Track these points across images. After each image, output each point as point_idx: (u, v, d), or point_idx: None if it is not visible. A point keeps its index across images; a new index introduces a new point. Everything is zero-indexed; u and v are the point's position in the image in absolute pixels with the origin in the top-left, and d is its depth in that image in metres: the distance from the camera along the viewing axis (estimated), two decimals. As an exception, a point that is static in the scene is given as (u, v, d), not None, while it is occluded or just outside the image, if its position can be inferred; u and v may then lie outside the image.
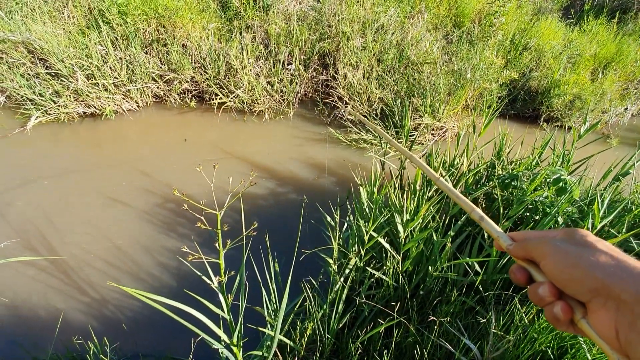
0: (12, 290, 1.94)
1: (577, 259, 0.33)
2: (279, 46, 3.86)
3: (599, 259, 0.32)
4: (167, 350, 1.77)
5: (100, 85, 3.39)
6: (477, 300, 1.65)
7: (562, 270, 0.34)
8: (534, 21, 5.13)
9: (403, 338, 1.46)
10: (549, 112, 4.38)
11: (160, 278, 2.11)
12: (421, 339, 1.43)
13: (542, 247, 0.36)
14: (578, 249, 0.34)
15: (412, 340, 1.41)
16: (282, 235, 2.36)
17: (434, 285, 1.63)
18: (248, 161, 3.12)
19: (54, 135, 3.18)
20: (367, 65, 3.83)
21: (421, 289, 1.65)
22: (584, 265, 0.32)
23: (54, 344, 1.68)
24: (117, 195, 2.61)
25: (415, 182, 1.64)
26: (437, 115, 3.60)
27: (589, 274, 0.32)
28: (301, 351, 1.48)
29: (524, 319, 1.36)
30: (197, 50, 3.71)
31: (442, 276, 1.61)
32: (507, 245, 0.42)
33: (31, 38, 3.39)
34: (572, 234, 0.37)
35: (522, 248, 0.39)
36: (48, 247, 2.20)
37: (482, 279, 1.63)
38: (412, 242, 1.58)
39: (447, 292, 1.63)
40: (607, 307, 0.31)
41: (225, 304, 1.24)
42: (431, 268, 1.64)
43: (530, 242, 0.39)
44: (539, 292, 0.36)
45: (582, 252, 0.34)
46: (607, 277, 0.31)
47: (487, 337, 1.52)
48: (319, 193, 2.85)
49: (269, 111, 3.75)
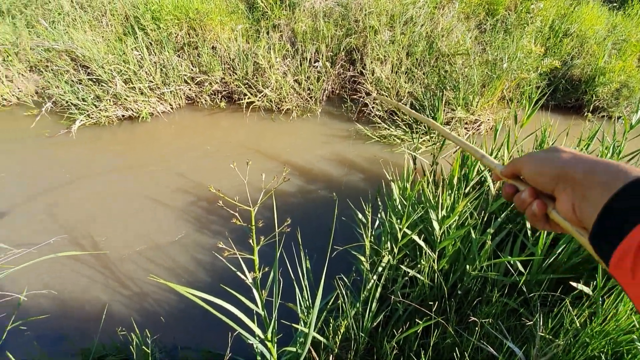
0: (60, 283, 2.07)
1: (545, 158, 0.41)
2: (305, 44, 3.85)
3: (561, 155, 0.39)
4: (203, 344, 1.82)
5: (137, 89, 3.55)
6: (521, 302, 1.56)
7: (534, 168, 0.41)
8: (574, 6, 4.80)
9: (440, 339, 1.40)
10: (593, 102, 4.07)
11: (196, 274, 2.17)
12: (460, 340, 1.37)
13: (522, 159, 0.44)
14: (547, 152, 0.42)
15: (451, 341, 1.35)
16: (312, 233, 2.35)
17: (472, 285, 1.56)
18: (277, 159, 3.14)
19: (95, 137, 3.36)
20: (396, 59, 3.74)
21: (459, 289, 1.58)
22: (549, 161, 0.40)
23: (99, 334, 1.77)
24: (153, 194, 2.72)
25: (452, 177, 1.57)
26: (470, 108, 3.45)
27: (552, 166, 0.39)
28: (335, 349, 1.46)
29: (576, 322, 1.26)
30: (226, 51, 3.78)
31: (482, 275, 1.54)
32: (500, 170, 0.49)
33: (73, 46, 3.60)
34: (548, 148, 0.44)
35: (509, 166, 0.47)
36: (92, 243, 2.32)
37: (525, 279, 1.53)
38: (449, 240, 1.52)
39: (487, 292, 1.55)
40: (566, 191, 0.37)
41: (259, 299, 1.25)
42: (469, 267, 1.57)
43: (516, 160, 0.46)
44: (521, 197, 0.43)
45: (549, 153, 0.41)
46: (565, 165, 0.38)
47: (532, 340, 1.43)
48: (348, 190, 2.81)
49: (296, 109, 3.76)
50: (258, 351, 1.41)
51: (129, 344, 1.68)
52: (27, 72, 3.81)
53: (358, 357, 1.48)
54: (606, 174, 0.33)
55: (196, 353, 1.79)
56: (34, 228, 2.42)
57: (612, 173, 0.33)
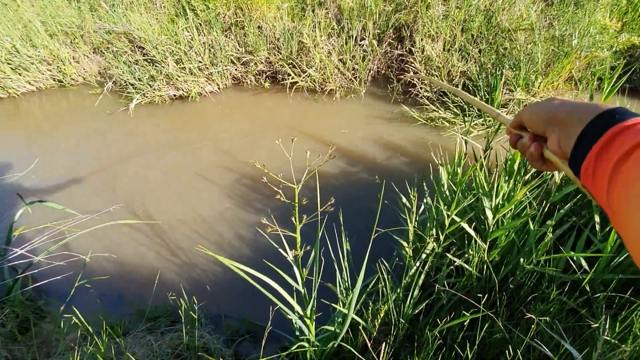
0: (119, 248, 2.26)
1: (540, 105, 0.45)
2: (351, 21, 3.71)
3: (553, 102, 0.44)
4: (245, 314, 1.89)
5: (187, 69, 3.67)
6: (582, 302, 1.42)
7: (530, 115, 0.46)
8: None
9: (487, 333, 1.32)
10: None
11: (239, 248, 2.25)
12: (510, 337, 1.28)
13: (524, 109, 0.49)
14: (543, 102, 0.46)
15: (500, 336, 1.27)
16: (352, 214, 2.32)
17: (526, 280, 1.44)
18: (319, 140, 3.12)
19: (150, 115, 3.56)
20: (449, 36, 3.49)
21: (510, 282, 1.47)
22: (542, 107, 0.45)
23: (152, 298, 1.91)
24: (201, 170, 2.84)
25: (513, 162, 1.43)
26: (531, 89, 3.14)
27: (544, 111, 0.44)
28: (373, 332, 1.44)
29: (649, 329, 1.12)
30: (272, 30, 3.76)
31: (538, 270, 1.41)
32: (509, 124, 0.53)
33: (131, 28, 3.79)
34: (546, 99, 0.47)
35: (515, 118, 0.51)
36: (147, 213, 2.49)
37: (590, 278, 1.39)
38: (502, 230, 1.41)
39: (543, 288, 1.43)
40: (554, 130, 0.42)
41: (300, 277, 1.25)
42: (523, 260, 1.45)
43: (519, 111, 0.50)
44: (522, 141, 0.48)
45: (544, 102, 0.45)
46: (554, 109, 0.43)
47: (592, 344, 1.30)
48: (391, 173, 2.73)
49: (340, 90, 3.68)
50: (297, 327, 1.43)
51: (177, 308, 1.80)
52: (91, 53, 4.10)
53: (397, 342, 1.45)
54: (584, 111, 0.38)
55: (238, 322, 1.88)
56: (96, 196, 2.64)
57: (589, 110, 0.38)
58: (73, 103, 3.81)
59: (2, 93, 3.79)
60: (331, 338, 1.42)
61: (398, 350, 1.49)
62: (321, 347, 1.41)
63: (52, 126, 3.48)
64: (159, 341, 1.60)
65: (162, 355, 1.54)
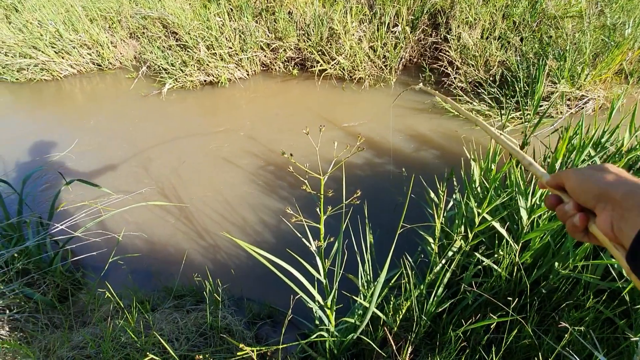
0: (149, 227, 2.36)
1: (589, 175, 0.41)
2: (385, 6, 3.59)
3: (605, 175, 0.40)
4: (266, 298, 1.93)
5: (218, 54, 3.71)
6: (620, 313, 1.33)
7: (578, 184, 0.42)
8: None
9: (515, 338, 1.27)
10: None
11: (263, 234, 2.28)
12: (539, 343, 1.23)
13: (567, 172, 0.45)
14: (593, 170, 0.42)
15: (528, 342, 1.22)
16: (377, 207, 2.29)
17: (560, 285, 1.37)
18: (346, 130, 3.07)
19: (181, 99, 3.64)
20: (488, 23, 3.29)
21: (542, 287, 1.40)
22: (593, 179, 0.40)
23: (180, 276, 1.99)
24: (229, 156, 2.89)
25: (555, 161, 1.34)
26: (577, 81, 2.93)
27: (595, 184, 0.40)
28: (394, 327, 1.43)
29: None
30: (302, 16, 3.71)
31: (574, 276, 1.33)
32: (546, 180, 0.50)
33: (165, 13, 3.86)
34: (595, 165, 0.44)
35: (554, 178, 0.48)
36: (176, 195, 2.58)
37: (631, 288, 1.29)
38: (537, 232, 1.33)
39: (577, 295, 1.35)
40: (607, 209, 0.38)
41: (322, 267, 1.25)
42: (558, 264, 1.37)
43: (562, 172, 0.47)
44: (564, 208, 0.45)
45: (595, 171, 0.42)
46: (608, 186, 0.38)
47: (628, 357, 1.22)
48: (419, 166, 2.65)
49: (369, 78, 3.59)
50: (317, 316, 1.44)
51: (203, 288, 1.86)
52: (127, 38, 4.22)
53: (418, 339, 1.43)
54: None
55: (259, 306, 1.92)
56: (129, 177, 2.76)
57: None
58: (110, 86, 3.96)
59: (47, 75, 4.00)
60: (350, 330, 1.42)
61: (419, 347, 1.47)
62: (340, 338, 1.42)
63: (91, 108, 3.65)
64: (184, 319, 1.67)
65: (187, 333, 1.60)
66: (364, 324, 1.32)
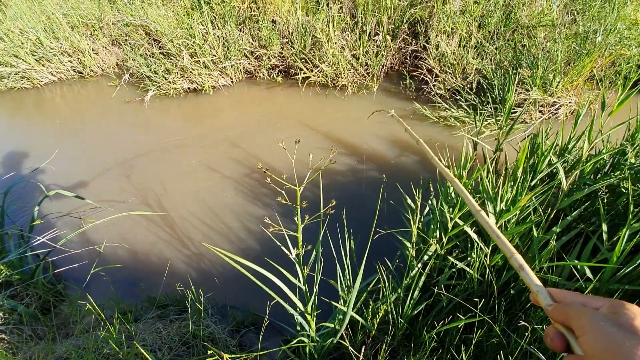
0: (132, 237, 2.35)
1: (618, 345, 0.31)
2: (366, 16, 3.67)
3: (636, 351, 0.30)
4: (251, 306, 1.95)
5: (201, 62, 3.73)
6: (584, 310, 1.41)
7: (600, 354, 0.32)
8: None
9: (485, 337, 1.34)
10: None
11: (246, 241, 2.31)
12: (507, 342, 1.29)
13: (583, 320, 0.35)
14: (621, 333, 0.32)
15: (497, 341, 1.28)
16: (359, 213, 2.34)
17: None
18: (329, 136, 3.13)
19: (164, 107, 3.64)
20: (465, 32, 3.41)
21: (511, 288, 1.47)
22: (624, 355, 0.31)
23: (163, 286, 2.00)
24: (213, 164, 2.90)
25: (517, 168, 1.42)
26: (549, 88, 3.06)
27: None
28: (372, 330, 1.48)
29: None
30: (286, 25, 3.77)
31: (540, 277, 1.41)
32: (547, 305, 0.40)
33: (148, 21, 3.86)
34: (618, 311, 0.34)
35: (562, 313, 0.38)
36: (159, 205, 2.58)
37: (593, 287, 1.37)
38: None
39: (544, 295, 1.42)
40: None
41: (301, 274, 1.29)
42: (526, 266, 1.44)
43: (572, 309, 0.37)
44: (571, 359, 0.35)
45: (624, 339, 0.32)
46: None
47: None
48: (400, 172, 2.72)
49: (352, 85, 3.67)
50: (298, 322, 1.48)
51: (186, 298, 1.87)
52: (109, 45, 4.20)
53: (395, 341, 1.48)
54: None
55: (243, 313, 1.94)
56: (112, 186, 2.74)
57: None
58: (92, 94, 3.93)
59: (28, 84, 3.94)
60: (331, 334, 1.46)
61: (397, 349, 1.52)
62: (320, 343, 1.45)
63: (72, 117, 3.61)
64: (167, 329, 1.68)
65: (170, 343, 1.62)
66: (342, 328, 1.36)
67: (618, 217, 1.60)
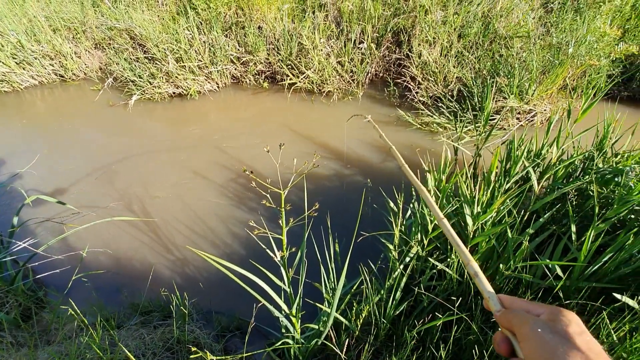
0: (115, 243, 2.32)
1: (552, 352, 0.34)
2: (351, 24, 3.76)
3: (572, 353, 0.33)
4: (236, 311, 1.96)
5: (187, 67, 3.73)
6: (555, 307, 1.48)
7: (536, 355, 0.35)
8: (669, -21, 4.12)
9: (463, 334, 1.39)
10: (678, 94, 3.57)
11: (232, 246, 2.31)
12: (484, 338, 1.35)
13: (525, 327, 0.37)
14: (556, 339, 0.35)
15: (474, 338, 1.34)
16: (344, 217, 2.38)
17: (504, 285, 1.50)
18: (314, 142, 3.17)
19: (149, 111, 3.61)
20: (446, 42, 3.53)
21: (488, 287, 1.53)
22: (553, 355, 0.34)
23: (146, 292, 1.98)
24: (198, 168, 2.90)
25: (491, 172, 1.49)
26: (525, 96, 3.19)
27: None
28: (356, 331, 1.51)
29: (613, 335, 1.18)
30: (272, 31, 3.81)
31: (515, 276, 1.48)
32: (496, 311, 0.43)
33: (132, 25, 3.84)
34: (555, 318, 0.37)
35: (507, 319, 0.40)
36: (143, 210, 2.55)
37: (563, 285, 1.45)
38: (482, 237, 1.47)
39: (519, 294, 1.49)
40: None
41: (286, 277, 1.32)
42: (502, 266, 1.51)
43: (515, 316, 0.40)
44: None
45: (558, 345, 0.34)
46: None
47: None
48: (385, 177, 2.78)
49: (337, 92, 3.73)
50: (283, 324, 1.50)
51: (170, 303, 1.87)
52: (92, 49, 4.15)
53: (378, 341, 1.52)
54: None
55: (228, 318, 1.94)
56: (95, 192, 2.70)
57: None
58: (74, 98, 3.87)
59: (7, 87, 3.85)
60: (315, 336, 1.49)
61: (380, 349, 1.56)
62: (305, 345, 1.48)
63: (53, 121, 3.54)
64: (151, 334, 1.67)
65: (154, 348, 1.61)
66: (326, 329, 1.39)
67: (587, 218, 1.69)
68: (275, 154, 2.25)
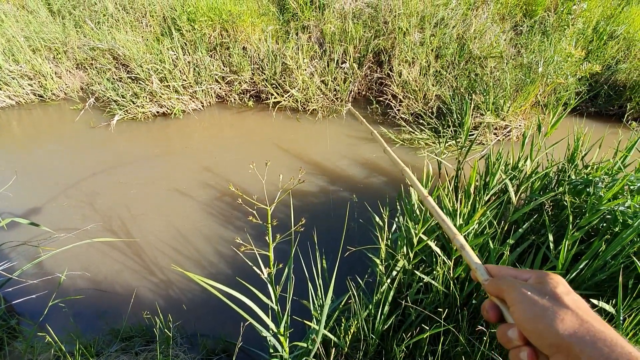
0: (95, 266, 2.24)
1: (542, 311, 0.35)
2: (333, 45, 3.88)
3: (564, 316, 0.34)
4: (222, 333, 1.91)
5: (171, 87, 3.73)
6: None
7: (527, 321, 0.36)
8: (623, 6, 4.50)
9: (451, 346, 1.40)
10: (639, 109, 3.82)
11: (218, 265, 2.27)
12: (471, 350, 1.36)
13: (513, 292, 0.38)
14: (544, 300, 0.36)
15: (461, 350, 1.35)
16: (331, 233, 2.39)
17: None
18: (300, 159, 3.20)
19: (132, 131, 3.58)
20: (424, 61, 3.69)
21: (474, 298, 1.56)
22: (548, 320, 0.34)
23: (128, 316, 1.91)
24: (183, 188, 2.87)
25: (470, 185, 1.55)
26: (501, 113, 3.35)
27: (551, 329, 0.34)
28: (345, 348, 1.49)
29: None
30: (256, 52, 3.89)
31: (498, 286, 1.51)
32: (484, 280, 0.44)
33: (116, 46, 3.84)
34: (542, 280, 0.38)
35: (496, 287, 0.41)
36: (125, 231, 2.49)
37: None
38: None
39: (503, 303, 1.52)
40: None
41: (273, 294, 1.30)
42: (486, 277, 1.54)
43: (503, 282, 0.40)
44: (508, 334, 0.38)
45: (548, 305, 0.35)
46: (569, 336, 0.33)
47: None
48: (369, 192, 2.82)
49: (322, 110, 3.81)
50: (271, 344, 1.47)
51: (153, 327, 1.80)
52: (73, 69, 4.11)
53: (368, 358, 1.50)
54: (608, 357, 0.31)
55: (214, 341, 1.89)
56: (74, 214, 2.62)
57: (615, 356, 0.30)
58: (53, 118, 3.79)
59: (-20, 107, 3.74)
60: (304, 354, 1.46)
61: (370, 366, 1.55)
62: (294, 364, 1.45)
63: (30, 142, 3.45)
64: (132, 361, 1.60)
65: (136, 375, 1.54)
66: (315, 348, 1.37)
67: (563, 228, 1.76)
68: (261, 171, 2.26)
